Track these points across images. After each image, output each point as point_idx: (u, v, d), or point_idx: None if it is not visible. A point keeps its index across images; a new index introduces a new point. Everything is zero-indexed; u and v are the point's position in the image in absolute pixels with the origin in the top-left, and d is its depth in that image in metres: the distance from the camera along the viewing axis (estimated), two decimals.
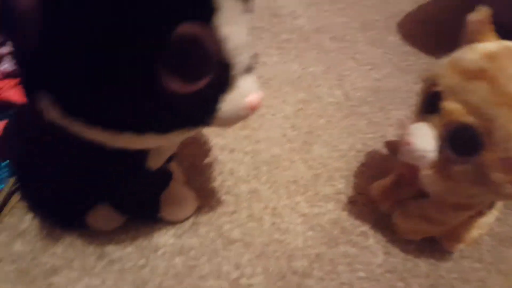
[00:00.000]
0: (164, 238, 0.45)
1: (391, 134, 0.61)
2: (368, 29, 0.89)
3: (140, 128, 0.29)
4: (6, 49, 0.59)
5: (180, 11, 0.25)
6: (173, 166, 0.48)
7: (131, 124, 0.29)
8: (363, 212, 0.50)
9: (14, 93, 0.54)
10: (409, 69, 0.76)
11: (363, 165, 0.56)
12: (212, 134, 0.58)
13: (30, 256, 0.42)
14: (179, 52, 0.26)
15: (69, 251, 0.43)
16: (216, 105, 0.30)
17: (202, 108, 0.30)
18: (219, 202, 0.49)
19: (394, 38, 0.87)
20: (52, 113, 0.29)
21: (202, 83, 0.28)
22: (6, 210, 0.45)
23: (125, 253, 0.43)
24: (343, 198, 0.52)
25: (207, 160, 0.55)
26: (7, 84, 0.57)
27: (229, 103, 0.30)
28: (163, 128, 0.30)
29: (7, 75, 0.59)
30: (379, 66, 0.78)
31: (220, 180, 0.52)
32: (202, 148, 0.56)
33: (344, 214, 0.50)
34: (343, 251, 0.46)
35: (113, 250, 0.43)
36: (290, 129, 0.61)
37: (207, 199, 0.49)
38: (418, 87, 0.40)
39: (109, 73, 0.26)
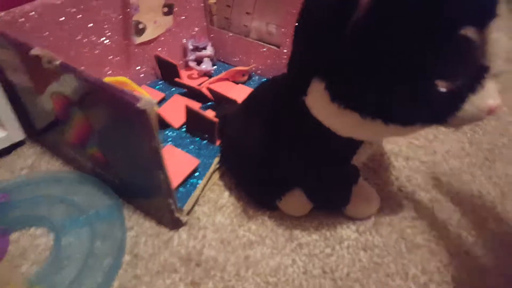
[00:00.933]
0: (347, 231, 0.47)
1: None
2: None
3: (391, 117, 0.31)
4: (207, 52, 0.68)
5: (469, 15, 0.27)
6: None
7: (384, 112, 0.31)
8: None
9: (217, 88, 0.62)
10: None
11: None
12: (384, 141, 0.59)
13: (229, 228, 0.47)
14: (455, 53, 0.27)
15: (262, 229, 0.47)
16: (462, 104, 0.30)
17: (451, 105, 0.31)
18: (399, 206, 0.49)
19: None
20: (316, 97, 0.33)
21: (460, 82, 0.29)
22: (208, 185, 0.51)
23: (312, 239, 0.46)
24: None
25: (382, 164, 0.55)
26: (205, 80, 0.66)
27: (473, 103, 0.30)
28: (410, 120, 0.32)
29: (205, 74, 0.68)
30: None
31: (397, 185, 0.52)
32: (376, 152, 0.57)
33: None
34: None
35: (301, 235, 0.46)
36: (468, 144, 0.59)
37: (386, 201, 0.50)
38: None
39: (393, 71, 0.29)
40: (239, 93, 0.63)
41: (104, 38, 0.57)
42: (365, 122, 0.32)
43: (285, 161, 0.43)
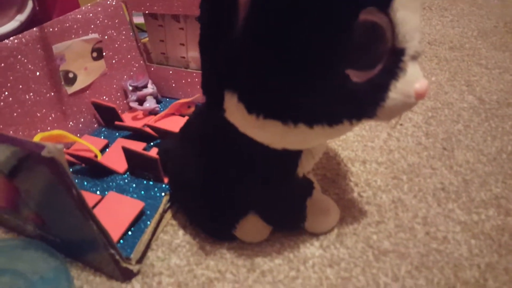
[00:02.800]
0: (311, 249, 0.44)
1: None
2: (488, 35, 0.84)
3: (314, 119, 0.29)
4: (148, 90, 0.66)
5: None
6: (311, 177, 0.47)
7: (307, 114, 0.29)
8: None
9: (160, 124, 0.59)
10: None
11: None
12: (339, 148, 0.57)
13: (186, 269, 0.43)
14: (360, 39, 0.26)
15: (221, 264, 0.43)
16: (386, 93, 0.29)
17: (373, 96, 0.29)
18: (361, 213, 0.47)
19: None
20: (233, 111, 0.31)
21: (376, 70, 0.28)
22: (160, 227, 0.48)
23: (275, 264, 0.43)
24: (505, 203, 0.46)
25: (339, 172, 0.53)
26: (151, 118, 0.64)
27: (398, 90, 0.29)
28: (334, 118, 0.29)
29: (150, 113, 0.66)
30: (511, 69, 0.71)
31: (357, 191, 0.50)
32: (332, 161, 0.55)
33: (511, 220, 0.44)
34: None
35: (263, 262, 0.43)
36: (424, 137, 0.57)
37: (348, 210, 0.47)
38: None
39: (297, 65, 0.27)
40: None
41: (31, 93, 0.55)
42: (289, 129, 0.30)
43: (227, 186, 0.41)
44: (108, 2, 0.62)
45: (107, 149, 0.60)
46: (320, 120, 0.29)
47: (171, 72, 0.68)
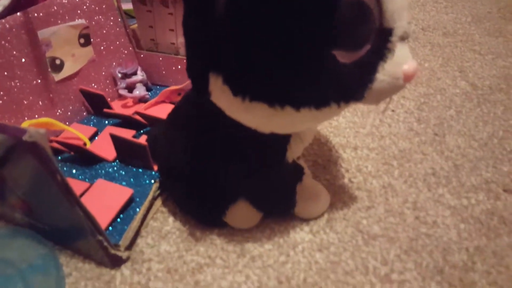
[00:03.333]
0: (301, 234, 0.43)
1: None
2: (482, 21, 0.83)
3: (301, 101, 0.29)
4: (138, 77, 0.65)
5: None
6: (301, 163, 0.47)
7: (293, 96, 0.28)
8: None
9: (149, 111, 0.59)
10: None
11: (511, 152, 0.50)
12: (330, 134, 0.57)
13: (176, 255, 0.43)
14: (346, 19, 0.25)
15: (211, 249, 0.43)
16: (374, 74, 0.28)
17: (361, 78, 0.28)
18: (351, 198, 0.47)
19: None
20: (219, 95, 0.30)
21: (363, 50, 0.27)
22: (150, 214, 0.47)
23: (265, 249, 0.42)
24: (495, 187, 0.46)
25: (330, 159, 0.53)
26: (140, 106, 0.63)
27: (386, 72, 0.28)
28: (321, 101, 0.29)
29: (140, 100, 0.65)
30: (503, 55, 0.71)
31: (348, 177, 0.50)
32: (323, 147, 0.55)
33: (500, 204, 0.44)
34: (508, 242, 0.40)
35: (253, 248, 0.43)
36: (416, 123, 0.57)
37: (338, 195, 0.47)
38: None
39: (283, 45, 0.26)
40: None
41: (17, 80, 0.54)
42: (276, 112, 0.29)
43: (217, 172, 0.40)
44: None
45: (96, 137, 0.59)
46: (307, 103, 0.29)
47: (161, 58, 0.67)
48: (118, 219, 0.46)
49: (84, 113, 0.64)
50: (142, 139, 0.55)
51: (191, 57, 0.32)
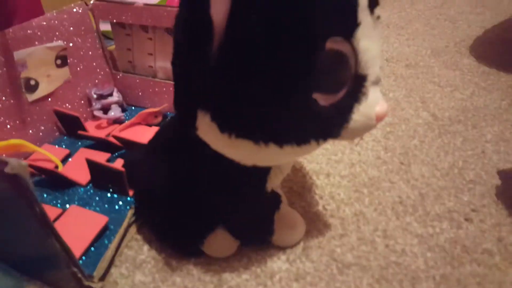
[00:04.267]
0: (278, 263, 0.45)
1: (490, 151, 0.59)
2: (440, 54, 0.89)
3: (284, 139, 0.30)
4: (113, 98, 0.65)
5: (329, 27, 0.27)
6: (278, 190, 0.48)
7: (277, 135, 0.30)
8: (481, 230, 0.47)
9: (125, 134, 0.58)
10: (492, 88, 0.76)
11: (470, 182, 0.54)
12: (304, 161, 0.59)
13: (151, 286, 0.43)
14: (326, 66, 0.27)
15: (188, 280, 0.43)
16: (350, 115, 0.30)
17: (338, 118, 0.30)
18: (326, 226, 0.48)
19: (469, 61, 0.86)
20: (206, 130, 0.31)
21: (341, 94, 0.29)
22: (124, 242, 0.47)
23: (242, 280, 0.43)
24: (457, 216, 0.49)
25: (305, 185, 0.55)
26: (116, 128, 0.63)
27: (360, 113, 0.31)
28: (303, 139, 0.31)
29: (115, 122, 0.65)
30: (461, 87, 0.76)
31: (322, 204, 0.52)
32: (298, 174, 0.57)
33: (462, 233, 0.47)
34: (470, 271, 0.43)
35: (230, 278, 0.43)
36: (383, 151, 0.60)
37: (313, 223, 0.49)
38: (506, 104, 0.38)
39: (269, 90, 0.28)
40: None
41: None
42: (260, 148, 0.31)
43: (197, 200, 0.41)
44: (75, 10, 0.60)
45: (69, 159, 0.58)
46: (290, 141, 0.31)
47: (138, 80, 0.67)
48: (92, 248, 0.45)
49: (56, 134, 0.63)
50: (117, 163, 0.54)
51: (179, 93, 0.33)
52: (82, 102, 0.66)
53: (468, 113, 0.68)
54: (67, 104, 0.63)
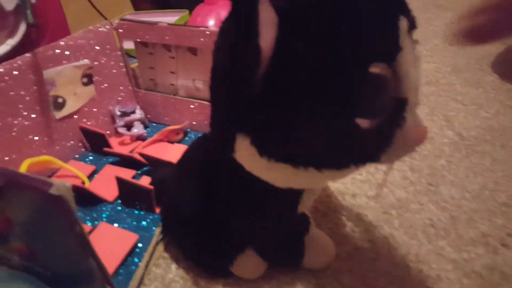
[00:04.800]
0: (308, 287, 0.44)
1: None
2: (462, 71, 0.88)
3: (324, 164, 0.30)
4: (136, 116, 0.65)
5: (373, 53, 0.26)
6: (306, 211, 0.48)
7: (318, 160, 0.30)
8: None
9: (149, 151, 0.58)
10: None
11: (503, 204, 0.52)
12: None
13: None
14: (368, 90, 0.27)
15: None
16: (391, 139, 0.30)
17: (379, 142, 0.30)
18: (356, 249, 0.48)
19: (492, 78, 0.85)
20: (244, 153, 0.31)
21: (381, 118, 0.29)
22: (153, 260, 0.46)
23: None
24: (492, 241, 0.48)
25: (330, 206, 0.54)
26: (139, 144, 0.63)
27: (401, 137, 0.30)
28: (342, 163, 0.30)
29: (137, 138, 0.65)
30: (485, 105, 0.75)
31: (350, 226, 0.51)
32: (322, 194, 0.56)
33: (499, 259, 0.45)
34: None
35: None
36: (410, 171, 0.59)
37: (342, 245, 0.48)
38: None
39: (312, 117, 0.28)
40: (175, 153, 0.60)
41: (20, 118, 0.53)
42: (298, 172, 0.30)
43: (226, 222, 0.40)
44: (100, 30, 0.61)
45: (94, 175, 0.58)
46: (330, 165, 0.30)
47: (159, 98, 0.68)
48: (121, 267, 0.45)
49: (82, 150, 0.63)
50: (144, 180, 0.54)
51: (218, 116, 0.33)
52: (106, 119, 0.66)
53: (495, 132, 0.67)
54: (92, 121, 0.63)
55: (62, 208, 0.31)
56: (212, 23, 0.83)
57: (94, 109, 0.63)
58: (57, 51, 0.56)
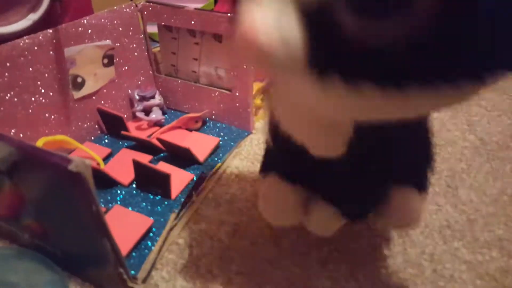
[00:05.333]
0: (321, 281, 0.43)
1: None
2: None
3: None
4: (156, 101, 0.65)
5: None
6: None
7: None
8: None
9: (167, 137, 0.58)
10: None
11: None
12: None
13: None
14: None
15: None
16: None
17: None
18: (371, 245, 0.47)
19: None
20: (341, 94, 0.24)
21: None
22: (166, 245, 0.46)
23: None
24: (507, 245, 0.47)
25: None
26: (156, 130, 0.63)
27: None
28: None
29: (155, 124, 0.65)
30: (509, 112, 0.74)
31: (367, 222, 0.50)
32: None
33: None
34: None
35: None
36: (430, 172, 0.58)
37: (357, 241, 0.47)
38: None
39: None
40: (193, 140, 0.60)
41: (38, 95, 0.53)
42: (350, 98, 0.23)
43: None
44: (125, 10, 0.61)
45: (110, 158, 0.58)
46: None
47: (180, 84, 0.67)
48: (134, 250, 0.45)
49: (98, 132, 0.63)
50: (160, 165, 0.54)
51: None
52: (124, 102, 0.66)
53: None
54: (109, 104, 0.63)
55: (80, 186, 0.31)
56: None
57: (113, 92, 0.63)
58: (80, 29, 0.55)
